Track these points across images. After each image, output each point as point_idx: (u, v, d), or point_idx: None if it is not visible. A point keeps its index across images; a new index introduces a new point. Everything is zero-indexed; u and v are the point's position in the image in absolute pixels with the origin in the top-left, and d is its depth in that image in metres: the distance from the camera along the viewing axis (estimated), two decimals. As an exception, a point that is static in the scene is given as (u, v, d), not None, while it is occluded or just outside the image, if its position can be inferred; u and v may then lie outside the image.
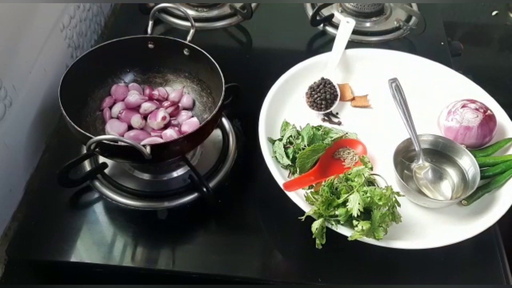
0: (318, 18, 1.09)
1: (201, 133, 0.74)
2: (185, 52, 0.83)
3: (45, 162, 0.85)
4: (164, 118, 0.81)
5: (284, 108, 0.89)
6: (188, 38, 0.83)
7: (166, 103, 0.85)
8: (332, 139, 0.81)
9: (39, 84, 0.83)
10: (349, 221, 0.69)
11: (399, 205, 0.70)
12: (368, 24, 1.12)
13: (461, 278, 0.73)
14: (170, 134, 0.79)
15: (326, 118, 0.89)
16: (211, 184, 0.79)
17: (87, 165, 0.81)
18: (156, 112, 0.82)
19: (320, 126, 0.85)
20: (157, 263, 0.72)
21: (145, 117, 0.83)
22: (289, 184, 0.74)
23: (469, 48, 1.12)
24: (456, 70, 0.94)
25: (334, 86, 0.90)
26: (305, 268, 0.73)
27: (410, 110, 0.82)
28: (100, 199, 0.79)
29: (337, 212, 0.68)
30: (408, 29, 1.11)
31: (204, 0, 1.12)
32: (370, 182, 0.76)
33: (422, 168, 0.79)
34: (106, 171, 0.81)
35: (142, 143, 0.74)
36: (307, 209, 0.70)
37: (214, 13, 1.12)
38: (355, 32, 1.00)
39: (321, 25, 1.11)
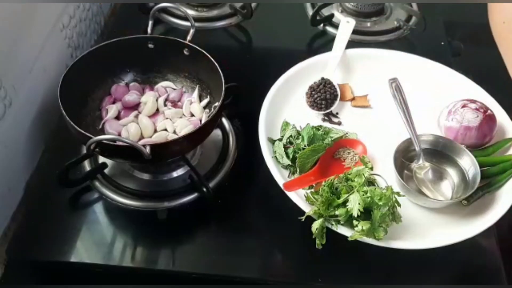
0: (318, 18, 1.09)
1: (201, 133, 0.74)
2: (185, 52, 0.83)
3: (45, 162, 0.85)
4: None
5: (284, 108, 0.89)
6: (188, 38, 0.83)
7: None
8: (332, 139, 0.81)
9: (39, 84, 0.83)
10: (349, 221, 0.69)
11: (399, 205, 0.70)
12: (368, 24, 1.12)
13: (461, 278, 0.73)
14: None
15: (326, 118, 0.89)
16: (211, 184, 0.79)
17: (87, 165, 0.81)
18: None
19: (320, 126, 0.85)
20: (157, 263, 0.72)
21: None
22: (289, 184, 0.74)
23: (469, 48, 1.12)
24: (456, 70, 0.93)
25: (334, 86, 0.90)
26: (305, 268, 0.73)
27: (410, 110, 0.82)
28: (100, 199, 0.78)
29: (337, 212, 0.68)
30: (408, 29, 1.11)
31: (204, 0, 1.12)
32: (370, 182, 0.76)
33: (422, 168, 0.79)
34: (106, 171, 0.81)
35: (142, 142, 0.74)
36: (307, 209, 0.70)
37: (214, 13, 1.12)
38: (355, 32, 1.00)
39: (321, 25, 1.11)
